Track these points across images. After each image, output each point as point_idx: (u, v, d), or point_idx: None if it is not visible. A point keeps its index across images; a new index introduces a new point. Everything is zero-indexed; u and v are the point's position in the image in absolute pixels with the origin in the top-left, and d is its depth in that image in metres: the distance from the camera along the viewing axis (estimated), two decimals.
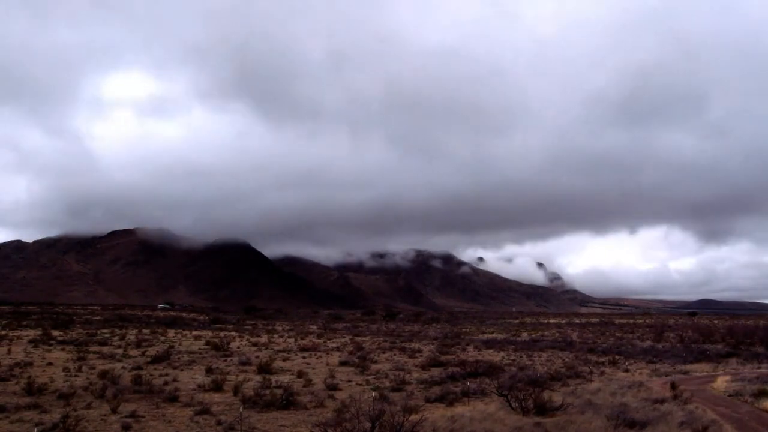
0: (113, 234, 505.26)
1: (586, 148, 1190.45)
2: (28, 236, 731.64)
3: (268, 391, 26.69)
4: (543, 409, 22.01)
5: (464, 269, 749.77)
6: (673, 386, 28.46)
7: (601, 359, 48.35)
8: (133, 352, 45.65)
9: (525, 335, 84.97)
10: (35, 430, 17.97)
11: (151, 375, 32.10)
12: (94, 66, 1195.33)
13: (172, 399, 24.97)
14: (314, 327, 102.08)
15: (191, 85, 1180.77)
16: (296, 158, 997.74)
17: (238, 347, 53.34)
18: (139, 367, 35.73)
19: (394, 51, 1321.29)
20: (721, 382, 31.34)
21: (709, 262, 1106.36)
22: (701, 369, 42.40)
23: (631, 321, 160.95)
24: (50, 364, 36.98)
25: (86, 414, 21.21)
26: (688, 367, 43.78)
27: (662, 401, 24.30)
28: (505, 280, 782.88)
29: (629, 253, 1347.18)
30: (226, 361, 41.56)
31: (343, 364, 40.95)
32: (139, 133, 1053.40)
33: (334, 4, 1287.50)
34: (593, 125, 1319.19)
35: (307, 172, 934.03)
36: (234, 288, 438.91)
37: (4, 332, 63.78)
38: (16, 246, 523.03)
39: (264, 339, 65.25)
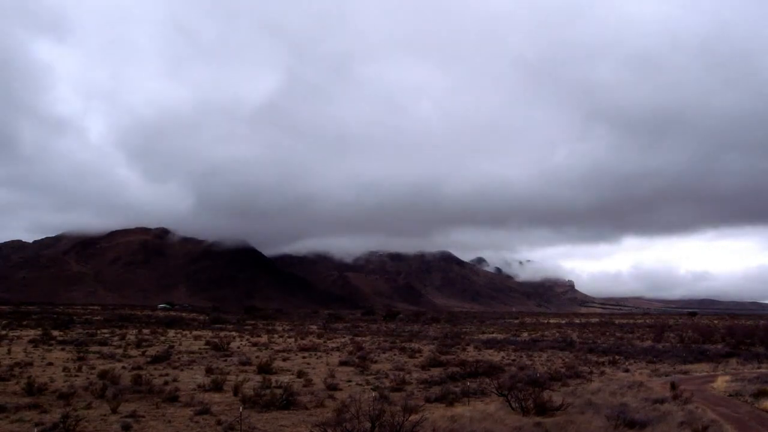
0: (113, 234, 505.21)
1: None
2: (28, 236, 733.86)
3: (268, 391, 26.68)
4: (543, 409, 21.99)
5: (464, 269, 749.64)
6: (673, 386, 28.44)
7: (601, 359, 48.35)
8: (133, 352, 45.63)
9: (525, 335, 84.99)
10: (35, 430, 17.97)
11: (151, 375, 32.08)
12: None
13: (172, 399, 24.94)
14: (314, 327, 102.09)
15: None
16: (297, 158, 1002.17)
17: (238, 347, 53.32)
18: (139, 367, 35.71)
19: None
20: (721, 382, 31.30)
21: None
22: (701, 369, 42.39)
23: (631, 321, 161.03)
24: (50, 364, 36.95)
25: (86, 414, 21.19)
26: (688, 367, 43.79)
27: (662, 401, 24.28)
28: (505, 280, 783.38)
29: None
30: (226, 361, 41.54)
31: (343, 364, 40.94)
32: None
33: None
34: None
35: (307, 172, 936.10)
36: (234, 288, 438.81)
37: (4, 332, 63.76)
38: (16, 246, 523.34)
39: (264, 339, 65.24)
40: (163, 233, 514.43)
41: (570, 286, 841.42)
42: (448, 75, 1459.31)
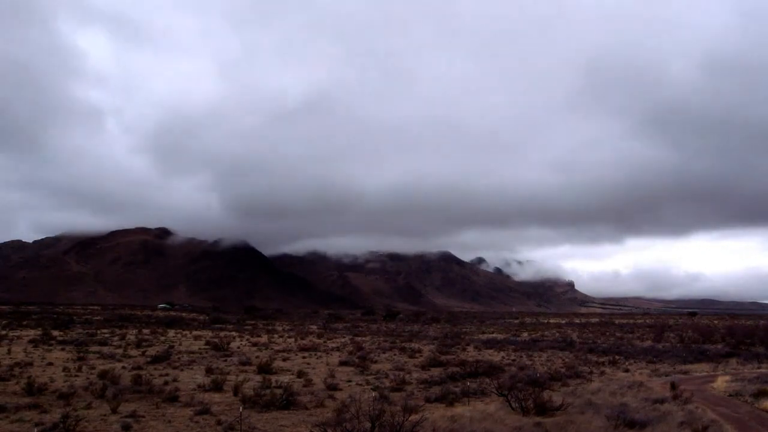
0: (113, 234, 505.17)
1: None
2: (28, 236, 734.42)
3: (268, 391, 26.67)
4: (543, 409, 21.99)
5: (464, 269, 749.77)
6: (673, 386, 28.43)
7: (601, 359, 48.34)
8: (133, 352, 45.63)
9: (525, 335, 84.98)
10: (35, 430, 17.96)
11: (151, 375, 32.07)
12: None
13: (172, 399, 24.94)
14: (314, 327, 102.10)
15: None
16: (297, 159, 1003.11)
17: (238, 347, 53.32)
18: (139, 367, 35.71)
19: None
20: (721, 382, 31.29)
21: None
22: (701, 369, 42.38)
23: (631, 321, 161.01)
24: (50, 364, 36.96)
25: (86, 414, 21.19)
26: (688, 367, 43.78)
27: (662, 401, 24.27)
28: (505, 280, 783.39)
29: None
30: (226, 361, 41.54)
31: (343, 364, 40.95)
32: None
33: None
34: None
35: (306, 173, 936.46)
36: (234, 288, 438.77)
37: (4, 332, 63.77)
38: (16, 246, 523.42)
39: (264, 339, 65.24)
40: (163, 233, 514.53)
41: (570, 286, 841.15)
42: (469, 76, 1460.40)
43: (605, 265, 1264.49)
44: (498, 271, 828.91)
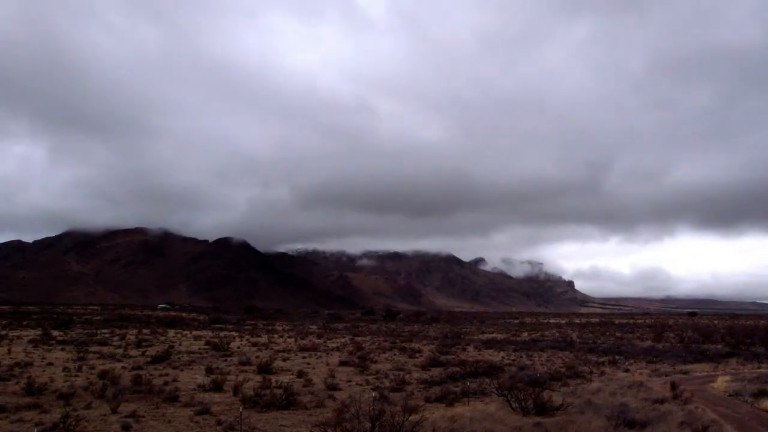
0: (113, 234, 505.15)
1: None
2: (28, 236, 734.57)
3: (268, 391, 26.68)
4: (543, 409, 21.98)
5: (464, 269, 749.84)
6: (673, 386, 28.42)
7: (601, 359, 48.33)
8: (133, 352, 45.65)
9: (525, 335, 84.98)
10: (35, 430, 17.96)
11: (151, 375, 32.09)
12: None
13: (172, 399, 24.94)
14: (314, 327, 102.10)
15: None
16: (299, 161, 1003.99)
17: (238, 347, 53.33)
18: (139, 367, 35.73)
19: None
20: (721, 382, 31.27)
21: None
22: (701, 369, 42.36)
23: (631, 321, 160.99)
24: (50, 364, 36.97)
25: (86, 414, 21.20)
26: (688, 367, 43.77)
27: (662, 401, 24.26)
28: (505, 280, 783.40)
29: None
30: (226, 361, 41.55)
31: (343, 364, 40.95)
32: None
33: None
34: None
35: (306, 174, 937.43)
36: (234, 288, 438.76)
37: (4, 332, 63.78)
38: (16, 246, 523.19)
39: (264, 339, 65.26)
40: (163, 233, 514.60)
41: (570, 286, 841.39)
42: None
43: (606, 265, 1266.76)
44: (498, 271, 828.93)
